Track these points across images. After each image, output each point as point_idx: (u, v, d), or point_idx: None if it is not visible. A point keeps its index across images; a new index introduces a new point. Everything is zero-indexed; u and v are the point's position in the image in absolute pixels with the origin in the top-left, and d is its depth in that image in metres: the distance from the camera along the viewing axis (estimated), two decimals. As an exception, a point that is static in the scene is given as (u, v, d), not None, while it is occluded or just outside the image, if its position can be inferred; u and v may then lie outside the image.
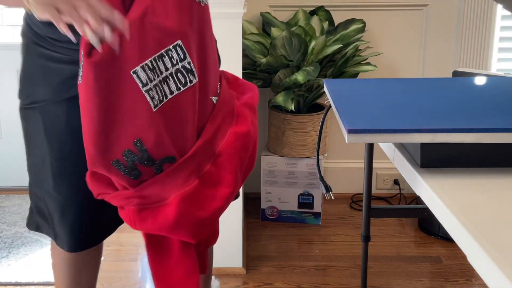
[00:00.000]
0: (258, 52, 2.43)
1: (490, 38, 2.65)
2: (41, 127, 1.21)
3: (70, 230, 1.26)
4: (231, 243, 2.11)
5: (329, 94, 1.12)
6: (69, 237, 1.27)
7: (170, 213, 1.05)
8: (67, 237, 1.27)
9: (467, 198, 0.79)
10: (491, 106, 0.99)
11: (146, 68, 0.99)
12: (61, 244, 1.29)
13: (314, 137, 2.47)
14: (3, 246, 2.35)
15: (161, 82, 1.01)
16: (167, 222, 1.05)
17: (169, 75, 1.02)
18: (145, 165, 1.01)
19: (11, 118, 2.89)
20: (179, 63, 1.03)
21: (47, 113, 1.20)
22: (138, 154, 1.00)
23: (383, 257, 2.28)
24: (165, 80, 1.02)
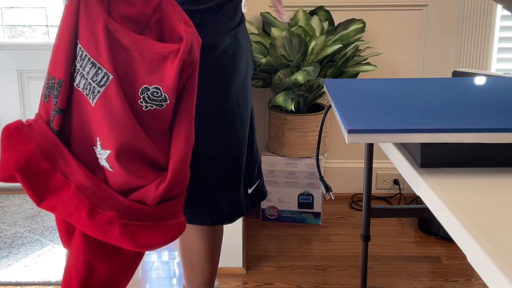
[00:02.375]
0: (258, 52, 2.43)
1: (490, 38, 2.65)
2: None
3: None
4: (231, 243, 2.11)
5: (329, 94, 1.12)
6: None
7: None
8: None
9: (467, 198, 0.79)
10: (491, 106, 0.99)
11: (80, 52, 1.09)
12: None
13: (314, 137, 2.47)
14: (3, 246, 2.35)
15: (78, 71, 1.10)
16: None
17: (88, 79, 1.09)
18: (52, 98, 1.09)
19: (11, 118, 2.89)
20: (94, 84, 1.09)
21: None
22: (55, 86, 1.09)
23: (383, 257, 2.28)
24: (82, 76, 1.10)
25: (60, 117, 1.10)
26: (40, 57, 2.80)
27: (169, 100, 1.09)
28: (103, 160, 1.11)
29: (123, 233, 1.11)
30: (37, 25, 2.92)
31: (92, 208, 1.09)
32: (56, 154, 1.10)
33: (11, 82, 2.85)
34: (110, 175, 1.12)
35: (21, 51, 2.84)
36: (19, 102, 2.87)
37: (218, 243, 1.54)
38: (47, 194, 1.10)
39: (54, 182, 1.10)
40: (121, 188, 1.12)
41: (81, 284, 1.19)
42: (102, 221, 1.09)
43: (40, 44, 2.81)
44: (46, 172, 1.10)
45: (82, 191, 1.10)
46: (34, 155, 1.09)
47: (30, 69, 2.83)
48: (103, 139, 1.09)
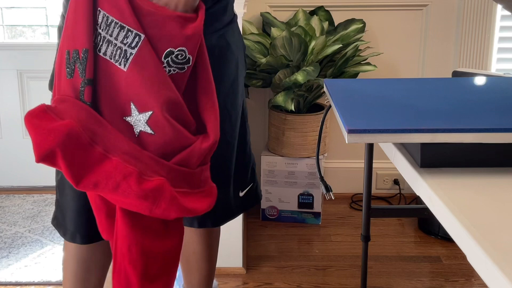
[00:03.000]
0: (258, 52, 2.43)
1: (489, 38, 2.66)
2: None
3: (81, 221, 1.29)
4: (231, 243, 2.11)
5: (329, 94, 1.12)
6: (79, 228, 1.29)
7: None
8: (77, 228, 1.29)
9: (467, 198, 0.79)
10: (491, 106, 0.99)
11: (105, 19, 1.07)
12: (71, 237, 1.31)
13: (314, 137, 2.47)
14: (3, 246, 2.35)
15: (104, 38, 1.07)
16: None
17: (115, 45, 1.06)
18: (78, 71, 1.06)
19: (11, 118, 2.89)
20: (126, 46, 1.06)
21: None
22: (80, 58, 1.06)
23: (383, 257, 2.28)
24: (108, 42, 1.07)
25: (91, 88, 1.06)
26: (40, 57, 2.80)
27: (191, 62, 1.08)
28: (142, 125, 1.07)
29: (173, 197, 1.06)
30: (37, 25, 2.92)
31: (140, 174, 1.04)
32: (94, 126, 1.06)
33: (11, 82, 2.85)
34: (150, 139, 1.07)
35: (21, 51, 2.84)
36: (19, 102, 2.87)
37: (214, 242, 1.54)
38: (86, 172, 1.04)
39: (93, 158, 1.05)
40: (163, 152, 1.08)
41: (141, 274, 1.13)
42: (152, 186, 1.04)
43: (40, 44, 2.81)
44: (85, 147, 1.05)
45: (127, 159, 1.05)
46: (73, 128, 1.03)
47: (30, 69, 2.83)
48: (141, 102, 1.06)
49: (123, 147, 1.05)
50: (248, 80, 2.48)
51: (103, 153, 1.05)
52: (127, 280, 1.13)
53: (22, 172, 2.93)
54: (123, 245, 1.12)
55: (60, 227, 1.34)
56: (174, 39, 1.06)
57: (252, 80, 2.48)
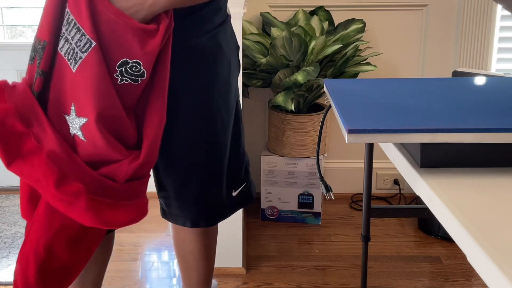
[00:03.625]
0: (258, 52, 2.43)
1: (489, 38, 2.66)
2: None
3: None
4: (231, 243, 2.11)
5: (329, 94, 1.12)
6: None
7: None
8: None
9: (467, 198, 0.79)
10: (491, 106, 0.99)
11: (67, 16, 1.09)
12: None
13: (314, 137, 2.47)
14: (3, 246, 2.35)
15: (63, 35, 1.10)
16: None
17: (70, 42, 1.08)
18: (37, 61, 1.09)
19: (11, 118, 2.89)
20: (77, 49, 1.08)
21: None
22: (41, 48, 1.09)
23: (383, 257, 2.28)
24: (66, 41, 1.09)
25: (42, 79, 1.09)
26: (40, 57, 2.80)
27: (146, 76, 1.09)
28: (76, 129, 1.09)
29: (89, 206, 1.08)
30: (37, 25, 2.92)
31: (61, 177, 1.07)
32: (32, 117, 1.09)
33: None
34: (81, 145, 1.10)
35: (21, 51, 2.83)
36: (19, 102, 2.87)
37: (212, 241, 1.54)
38: (17, 157, 1.08)
39: (26, 146, 1.08)
40: (91, 159, 1.11)
41: (39, 267, 1.16)
42: (69, 191, 1.07)
43: (40, 44, 2.80)
44: (20, 134, 1.08)
45: (53, 158, 1.07)
46: (10, 114, 1.08)
47: (30, 69, 2.83)
48: (80, 106, 1.08)
49: (54, 146, 1.08)
50: (248, 80, 2.48)
51: (36, 145, 1.08)
52: (27, 268, 1.17)
53: (22, 172, 2.93)
54: (34, 235, 1.14)
55: None
56: (131, 50, 1.07)
57: (252, 80, 2.48)
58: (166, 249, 2.32)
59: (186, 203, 1.38)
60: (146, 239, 2.36)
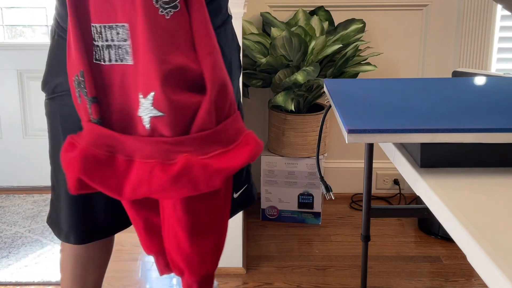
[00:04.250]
0: (258, 52, 2.43)
1: (490, 38, 2.66)
2: (58, 117, 1.25)
3: (75, 221, 1.28)
4: (231, 243, 2.11)
5: (329, 94, 1.12)
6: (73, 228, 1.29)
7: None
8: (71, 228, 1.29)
9: (467, 198, 0.79)
10: (491, 106, 0.99)
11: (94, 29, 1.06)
12: (65, 236, 1.31)
13: (314, 137, 2.47)
14: (3, 246, 2.35)
15: (103, 46, 1.06)
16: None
17: (113, 45, 1.06)
18: (83, 94, 1.07)
19: (11, 118, 2.89)
20: (122, 42, 1.06)
21: (63, 104, 1.24)
22: (80, 81, 1.07)
23: (383, 257, 2.28)
24: (108, 47, 1.06)
25: (96, 105, 1.06)
26: (40, 57, 2.80)
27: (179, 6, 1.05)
28: (150, 111, 1.04)
29: (205, 168, 1.03)
30: (37, 25, 2.92)
31: (162, 164, 1.02)
32: (107, 140, 1.06)
33: (11, 82, 2.85)
34: (163, 122, 1.04)
35: (21, 51, 2.84)
36: (19, 102, 2.87)
37: None
38: (121, 182, 1.05)
39: (120, 167, 1.05)
40: (181, 126, 1.05)
41: (189, 233, 1.11)
42: (178, 169, 1.01)
43: (40, 44, 2.81)
44: (107, 161, 1.05)
45: (145, 155, 1.04)
46: (86, 151, 1.05)
47: (30, 69, 2.83)
48: (145, 86, 1.04)
49: (137, 146, 1.04)
50: (248, 80, 2.48)
51: (126, 159, 1.05)
52: (177, 238, 1.12)
53: (22, 172, 2.93)
54: (168, 204, 1.11)
55: (55, 226, 1.34)
56: None
57: (252, 80, 2.48)
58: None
59: None
60: (146, 239, 2.36)
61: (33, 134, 2.90)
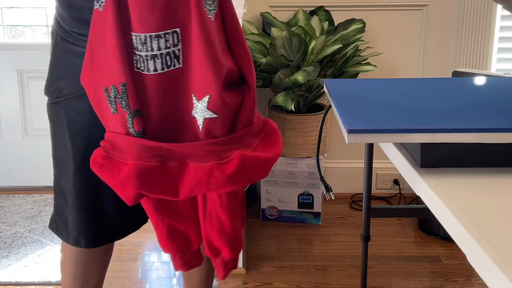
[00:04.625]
0: (258, 52, 2.43)
1: (489, 38, 2.66)
2: (64, 121, 1.23)
3: (85, 225, 1.28)
4: (231, 243, 2.11)
5: (329, 94, 1.12)
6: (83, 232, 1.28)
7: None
8: (81, 232, 1.28)
9: (467, 198, 0.79)
10: (491, 106, 0.99)
11: (138, 39, 1.04)
12: (74, 241, 1.30)
13: (314, 137, 2.47)
14: (3, 246, 2.35)
15: (147, 57, 1.05)
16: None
17: (159, 54, 1.05)
18: (121, 106, 1.06)
19: (11, 118, 2.89)
20: (171, 48, 1.06)
21: (69, 107, 1.23)
22: (120, 93, 1.06)
23: (383, 257, 2.28)
24: (153, 57, 1.05)
25: (139, 118, 1.07)
26: (40, 57, 2.80)
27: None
28: (204, 113, 1.07)
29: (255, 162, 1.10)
30: (37, 25, 2.92)
31: (218, 165, 1.07)
32: (155, 151, 1.07)
33: (11, 82, 2.85)
34: (216, 123, 1.08)
35: (21, 51, 2.84)
36: (19, 102, 2.87)
37: None
38: (177, 185, 1.08)
39: (173, 172, 1.08)
40: (231, 125, 1.11)
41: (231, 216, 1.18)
42: (234, 168, 1.07)
43: (40, 44, 2.81)
44: (159, 169, 1.07)
45: (199, 159, 1.07)
46: (139, 166, 1.06)
47: (30, 69, 2.83)
48: (199, 90, 1.06)
49: (187, 151, 1.07)
50: (248, 80, 2.47)
51: (178, 164, 1.08)
52: (220, 222, 1.18)
53: (22, 172, 2.93)
54: (214, 195, 1.15)
55: (61, 232, 1.33)
56: None
57: (252, 80, 2.48)
58: (166, 249, 2.32)
59: None
60: (146, 239, 2.36)
61: (33, 134, 2.90)
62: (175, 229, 1.21)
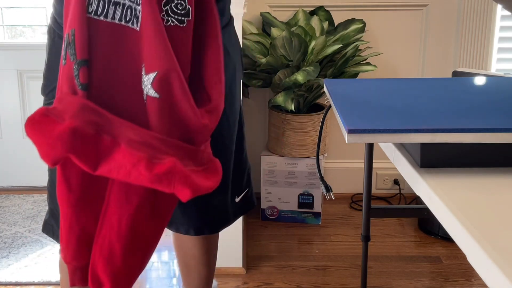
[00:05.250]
0: (258, 52, 2.43)
1: (489, 38, 2.66)
2: None
3: None
4: (231, 243, 2.11)
5: (329, 94, 1.12)
6: None
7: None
8: None
9: (467, 198, 0.79)
10: (491, 106, 0.99)
11: None
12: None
13: (314, 137, 2.47)
14: (3, 246, 2.35)
15: (110, 2, 1.02)
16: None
17: (122, 4, 1.02)
18: (69, 55, 1.02)
19: (11, 118, 2.89)
20: (134, 4, 1.02)
21: None
22: (70, 41, 1.02)
23: (383, 257, 2.28)
24: (115, 4, 1.02)
25: (85, 68, 1.01)
26: (40, 57, 2.80)
27: (190, 15, 1.04)
28: (148, 88, 1.01)
29: (186, 178, 1.01)
30: (37, 25, 2.92)
31: (149, 159, 1.00)
32: (96, 118, 1.01)
33: (11, 82, 2.85)
34: (155, 105, 1.02)
35: (21, 51, 2.84)
36: (19, 102, 2.87)
37: (213, 246, 1.53)
38: (100, 160, 1.01)
39: (103, 146, 1.01)
40: (169, 123, 1.04)
41: (125, 248, 1.09)
42: (163, 170, 1.00)
43: (40, 44, 2.80)
44: (93, 139, 1.01)
45: (132, 145, 1.01)
46: (77, 127, 0.99)
47: (30, 69, 2.83)
48: (148, 62, 1.01)
49: (128, 133, 1.02)
50: (248, 80, 2.48)
51: (112, 140, 1.01)
52: (111, 251, 1.10)
53: (22, 172, 2.93)
54: (113, 216, 1.08)
55: (57, 234, 1.30)
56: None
57: (252, 80, 2.48)
58: (166, 249, 2.32)
59: (190, 211, 1.37)
60: (146, 239, 2.36)
61: (33, 134, 2.90)
62: (88, 234, 1.11)
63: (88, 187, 1.08)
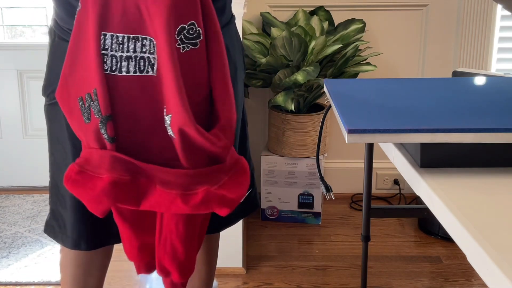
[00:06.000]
0: (258, 52, 2.43)
1: (489, 38, 2.66)
2: (63, 123, 1.22)
3: (85, 227, 1.28)
4: (231, 243, 2.11)
5: (329, 94, 1.12)
6: (83, 234, 1.28)
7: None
8: (81, 235, 1.28)
9: (467, 198, 0.79)
10: (491, 106, 0.99)
11: (115, 39, 1.05)
12: (74, 244, 1.30)
13: (314, 137, 2.47)
14: (3, 246, 2.35)
15: (122, 57, 1.06)
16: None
17: (134, 57, 1.06)
18: (94, 113, 1.07)
19: (11, 118, 2.89)
20: (147, 54, 1.06)
21: None
22: (93, 99, 1.06)
23: (383, 257, 2.28)
24: (127, 59, 1.06)
25: (111, 122, 1.07)
26: (40, 57, 2.80)
27: (202, 35, 1.08)
28: (169, 128, 1.08)
29: (220, 200, 1.11)
30: (37, 25, 2.92)
31: (183, 195, 1.09)
32: (126, 165, 1.09)
33: (11, 82, 2.85)
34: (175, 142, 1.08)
35: (21, 51, 2.84)
36: (19, 102, 2.87)
37: (214, 246, 1.53)
38: (141, 199, 1.11)
39: (141, 187, 1.10)
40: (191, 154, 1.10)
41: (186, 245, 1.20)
42: (198, 201, 1.10)
43: (40, 44, 2.81)
44: (130, 183, 1.09)
45: (165, 185, 1.09)
46: (115, 180, 1.08)
47: (30, 69, 2.83)
48: (168, 105, 1.06)
49: (159, 175, 1.09)
50: (248, 80, 2.48)
51: (147, 180, 1.10)
52: (173, 249, 1.20)
53: (22, 172, 2.93)
54: (171, 222, 1.17)
55: (59, 235, 1.32)
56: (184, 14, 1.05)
57: (252, 80, 2.48)
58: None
59: None
60: (146, 239, 2.36)
61: (33, 134, 2.90)
62: (147, 244, 1.23)
63: (139, 214, 1.19)
